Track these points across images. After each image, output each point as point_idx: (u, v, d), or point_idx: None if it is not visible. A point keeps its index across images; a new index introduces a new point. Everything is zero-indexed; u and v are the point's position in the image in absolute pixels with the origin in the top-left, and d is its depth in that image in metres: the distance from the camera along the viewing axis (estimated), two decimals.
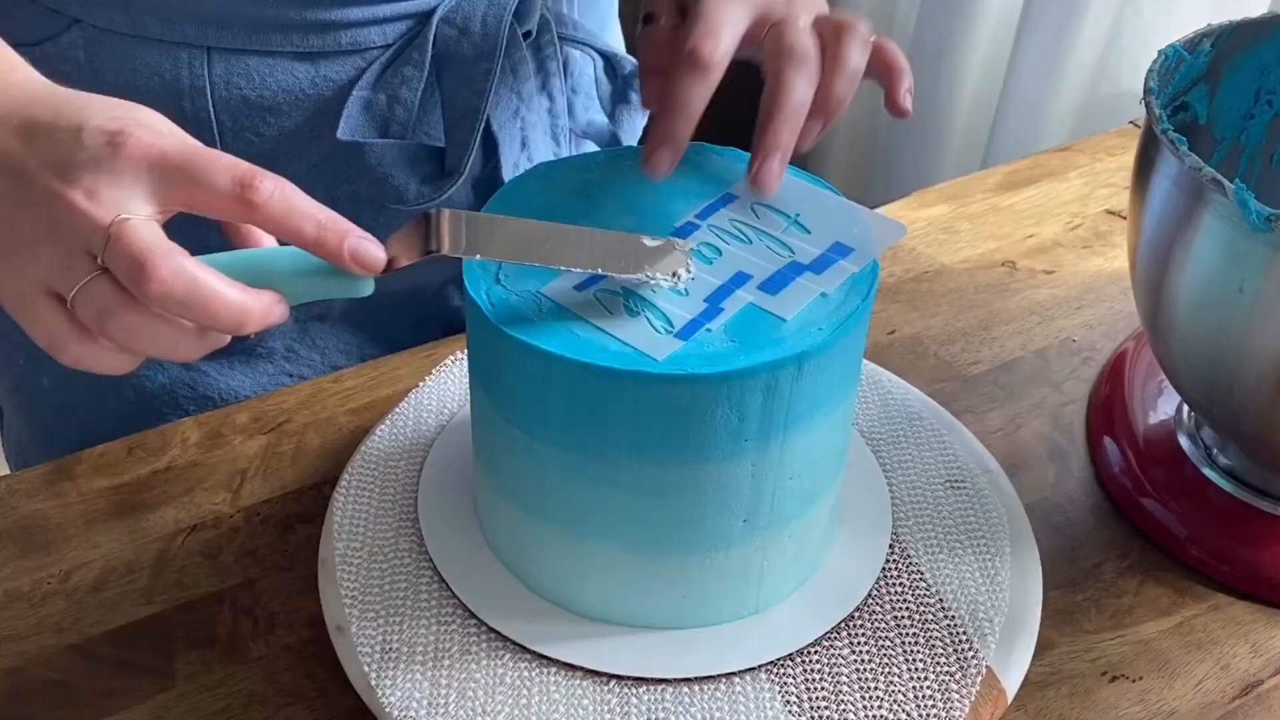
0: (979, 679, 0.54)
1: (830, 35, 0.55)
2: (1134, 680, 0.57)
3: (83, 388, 0.75)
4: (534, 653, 0.54)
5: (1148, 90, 0.58)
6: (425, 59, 0.67)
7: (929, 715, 0.52)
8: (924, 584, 0.58)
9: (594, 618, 0.56)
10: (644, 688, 0.53)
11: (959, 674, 0.54)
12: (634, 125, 0.80)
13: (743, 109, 0.59)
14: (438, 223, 0.47)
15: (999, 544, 0.60)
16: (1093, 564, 0.63)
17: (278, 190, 0.44)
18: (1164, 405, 0.70)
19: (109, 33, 0.65)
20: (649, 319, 0.50)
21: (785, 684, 0.54)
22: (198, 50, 0.65)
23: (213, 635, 0.58)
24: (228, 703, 0.55)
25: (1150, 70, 0.59)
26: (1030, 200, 0.90)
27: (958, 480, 0.63)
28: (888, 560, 0.59)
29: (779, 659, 0.55)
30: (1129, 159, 0.63)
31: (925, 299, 0.80)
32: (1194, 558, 0.62)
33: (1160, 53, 0.61)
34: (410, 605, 0.56)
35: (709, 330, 0.49)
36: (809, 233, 0.55)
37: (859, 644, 0.55)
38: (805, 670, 0.54)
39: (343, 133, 0.66)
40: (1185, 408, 0.69)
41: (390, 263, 0.46)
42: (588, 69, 0.77)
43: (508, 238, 0.49)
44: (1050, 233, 0.87)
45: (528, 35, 0.71)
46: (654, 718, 0.52)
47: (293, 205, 0.44)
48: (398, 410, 0.67)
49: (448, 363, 0.71)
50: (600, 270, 0.50)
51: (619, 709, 0.53)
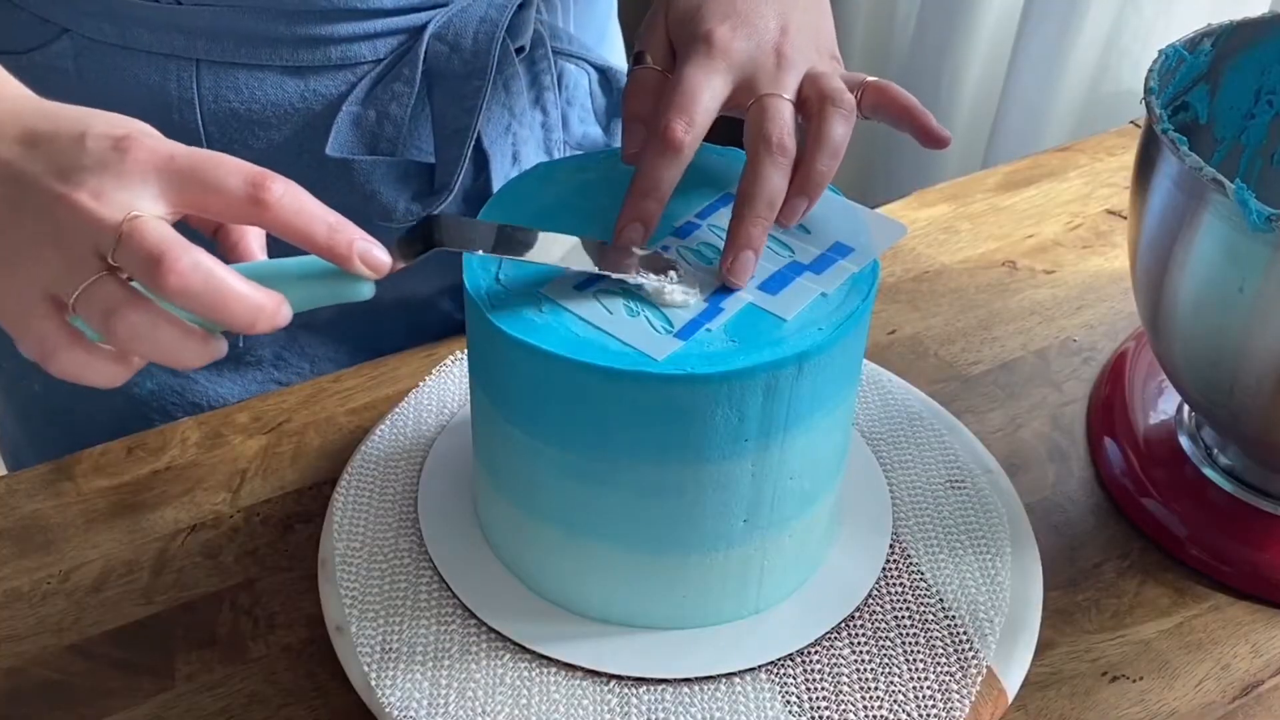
0: (979, 679, 0.54)
1: (815, 106, 0.53)
2: (1134, 680, 0.57)
3: (72, 393, 0.75)
4: (534, 653, 0.54)
5: (1148, 90, 0.58)
6: (415, 75, 0.67)
7: (929, 715, 0.52)
8: (924, 584, 0.58)
9: (594, 618, 0.56)
10: (644, 688, 0.53)
11: (959, 674, 0.54)
12: None
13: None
14: (439, 224, 0.48)
15: (999, 544, 0.60)
16: (1093, 564, 0.63)
17: (289, 191, 0.44)
18: (1164, 405, 0.70)
19: (98, 43, 0.65)
20: (649, 319, 0.50)
21: (785, 684, 0.54)
22: (186, 62, 0.65)
23: (213, 635, 0.58)
24: (228, 703, 0.55)
25: (1151, 70, 0.59)
26: (1030, 200, 0.90)
27: (958, 480, 0.63)
28: (888, 560, 0.59)
29: (779, 659, 0.55)
30: (1129, 159, 0.63)
31: (925, 299, 0.80)
32: (1194, 558, 0.62)
33: (1161, 52, 0.61)
34: (410, 605, 0.56)
35: (709, 330, 0.49)
36: (809, 233, 0.55)
37: (859, 644, 0.55)
38: (805, 670, 0.54)
39: (331, 148, 0.66)
40: (1185, 408, 0.69)
41: (393, 265, 0.46)
42: (582, 82, 0.77)
43: (504, 238, 0.50)
44: (1050, 233, 0.87)
45: (521, 50, 0.70)
46: (654, 718, 0.52)
47: (304, 206, 0.44)
48: (398, 410, 0.67)
49: (448, 363, 0.71)
50: (596, 270, 0.50)
51: (619, 709, 0.53)
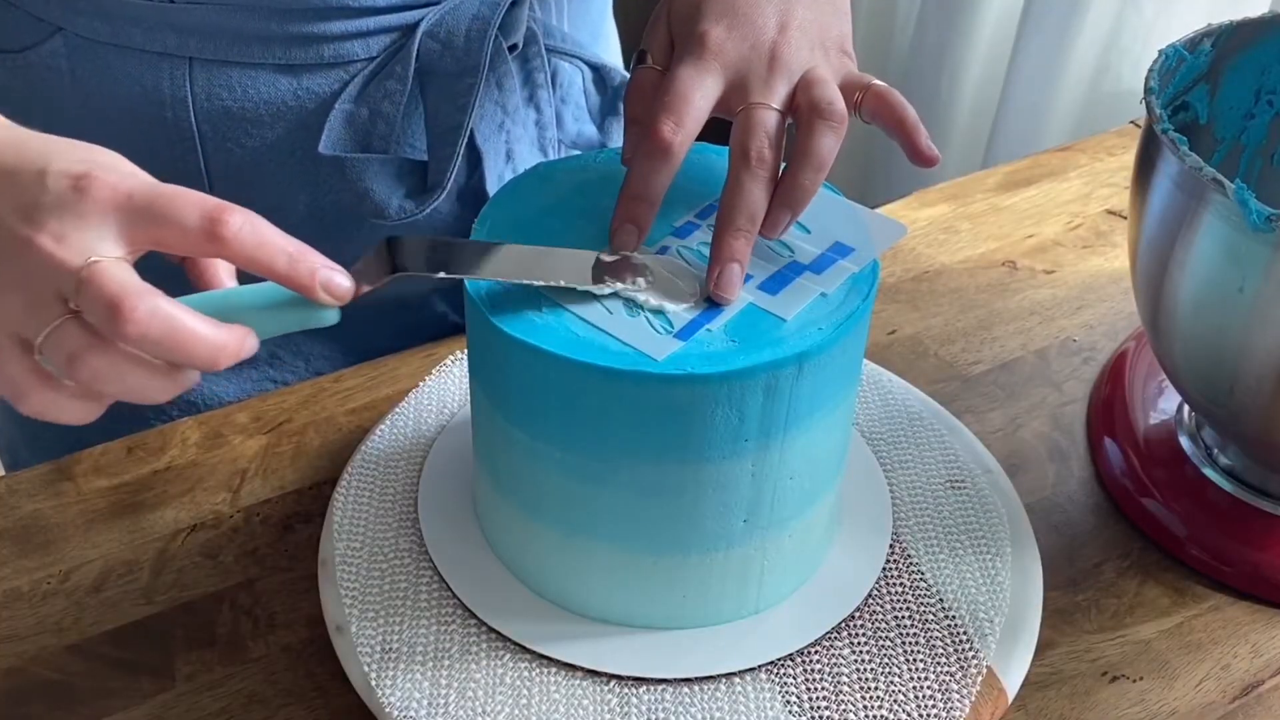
0: (979, 679, 0.54)
1: (804, 116, 0.52)
2: (1134, 681, 0.57)
3: None
4: (534, 653, 0.54)
5: (1148, 90, 0.58)
6: (408, 73, 0.67)
7: (929, 715, 0.52)
8: (924, 584, 0.58)
9: (594, 618, 0.56)
10: (644, 688, 0.53)
11: (959, 674, 0.54)
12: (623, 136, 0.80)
13: None
14: (399, 247, 0.48)
15: (999, 544, 0.60)
16: (1093, 564, 0.63)
17: (247, 223, 0.44)
18: (1164, 405, 0.70)
19: (91, 42, 0.65)
20: (649, 319, 0.50)
21: (785, 684, 0.54)
22: (180, 60, 0.65)
23: (212, 635, 0.58)
24: (227, 703, 0.55)
25: (1151, 70, 0.59)
26: (1030, 200, 0.90)
27: (958, 480, 0.63)
28: (888, 560, 0.59)
29: (779, 659, 0.55)
30: (1129, 159, 0.63)
31: (925, 299, 0.80)
32: (1194, 558, 0.62)
33: (1161, 52, 0.61)
34: (410, 605, 0.56)
35: (709, 330, 0.49)
36: (809, 232, 0.55)
37: (859, 644, 0.55)
38: (805, 670, 0.54)
39: (324, 146, 0.66)
40: (1186, 408, 0.69)
41: (356, 291, 0.46)
42: (577, 80, 0.77)
43: (471, 256, 0.50)
44: (1050, 233, 0.87)
45: (514, 48, 0.70)
46: (654, 718, 0.52)
47: (263, 238, 0.44)
48: (398, 410, 0.67)
49: (448, 363, 0.71)
50: (563, 283, 0.50)
51: (619, 709, 0.53)
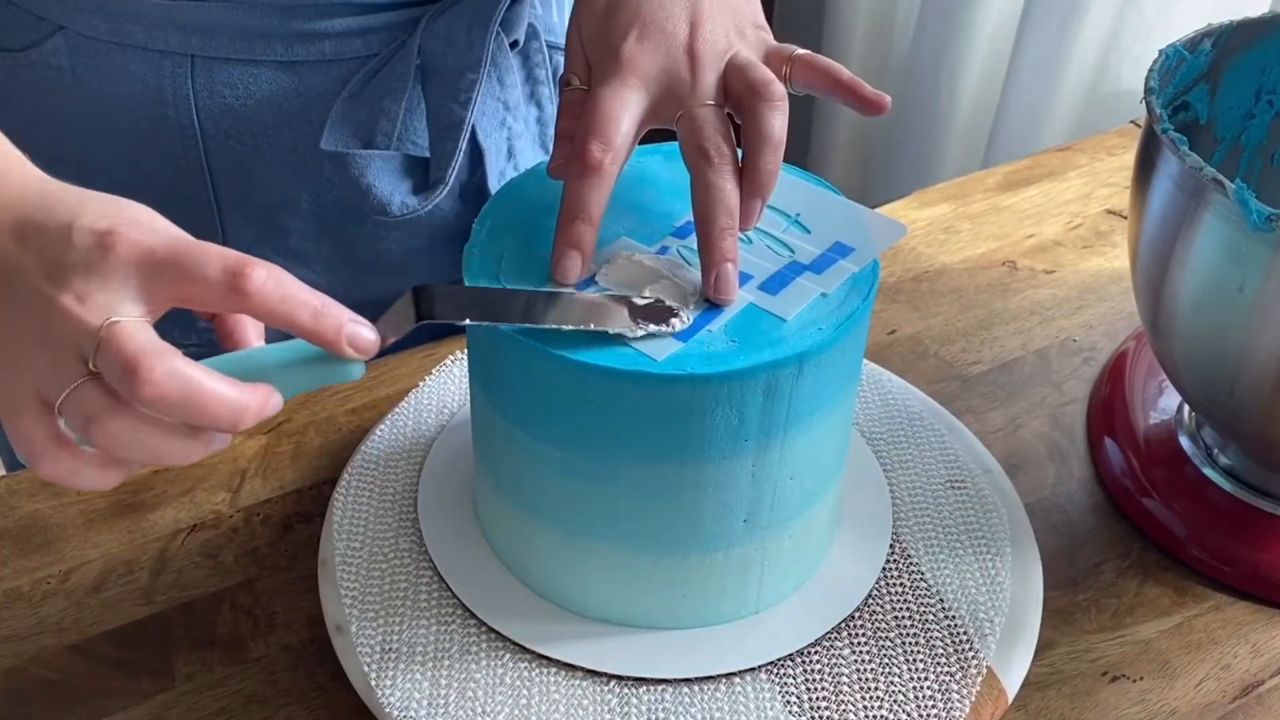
0: (979, 679, 0.54)
1: (745, 101, 0.52)
2: (1134, 680, 0.57)
3: None
4: (534, 653, 0.54)
5: (1148, 90, 0.58)
6: (409, 70, 0.66)
7: (929, 715, 0.52)
8: (924, 584, 0.58)
9: (594, 618, 0.56)
10: (644, 688, 0.53)
11: (959, 674, 0.54)
12: None
13: None
14: (426, 297, 0.47)
15: (999, 544, 0.60)
16: (1093, 564, 0.63)
17: (271, 278, 0.43)
18: (1164, 405, 0.70)
19: (92, 40, 0.65)
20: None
21: (785, 684, 0.54)
22: (181, 58, 0.65)
23: (212, 635, 0.58)
24: (227, 703, 0.55)
25: (1151, 70, 0.59)
26: (1030, 200, 0.90)
27: (958, 480, 0.63)
28: (888, 560, 0.59)
29: (779, 659, 0.55)
30: (1129, 159, 0.63)
31: (925, 299, 0.80)
32: (1194, 558, 0.62)
33: (1161, 52, 0.61)
34: (410, 605, 0.56)
35: (709, 330, 0.49)
36: (809, 233, 0.55)
37: (859, 644, 0.55)
38: (805, 670, 0.54)
39: (326, 143, 0.66)
40: (1186, 408, 0.69)
41: (381, 342, 0.45)
42: None
43: (500, 303, 0.49)
44: (1050, 233, 0.87)
45: (515, 44, 0.70)
46: (654, 718, 0.52)
47: (287, 292, 0.43)
48: (398, 410, 0.67)
49: (448, 363, 0.71)
50: (591, 326, 0.49)
51: (619, 709, 0.53)
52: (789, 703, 0.53)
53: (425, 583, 0.57)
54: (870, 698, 0.53)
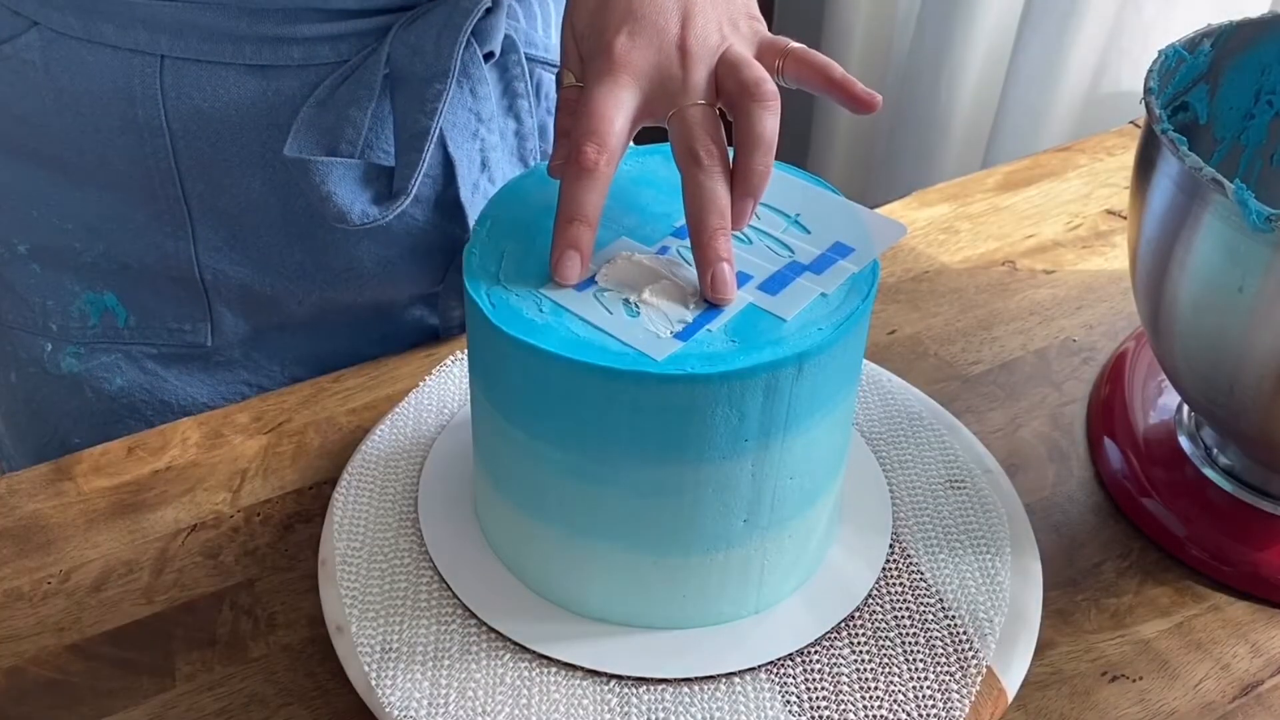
0: (979, 679, 0.54)
1: (736, 100, 0.52)
2: (1134, 680, 0.57)
3: (44, 385, 0.75)
4: (534, 653, 0.54)
5: (1148, 90, 0.58)
6: (376, 79, 0.66)
7: (929, 715, 0.52)
8: (924, 584, 0.58)
9: (594, 618, 0.56)
10: (644, 688, 0.53)
11: (959, 674, 0.54)
12: None
13: None
14: None
15: (999, 544, 0.60)
16: (1093, 564, 0.63)
17: None
18: (1164, 405, 0.70)
19: (64, 36, 0.65)
20: (649, 319, 0.50)
21: (785, 684, 0.54)
22: (150, 58, 0.65)
23: (213, 635, 0.58)
24: (227, 703, 0.55)
25: (1150, 70, 0.59)
26: (1030, 200, 0.90)
27: (958, 480, 0.63)
28: (888, 560, 0.59)
29: (779, 659, 0.55)
30: (1129, 159, 0.63)
31: (925, 299, 0.80)
32: (1194, 558, 0.62)
33: (1160, 53, 0.61)
34: (410, 605, 0.56)
35: (709, 330, 0.49)
36: (809, 233, 0.55)
37: (859, 644, 0.55)
38: (805, 670, 0.54)
39: (289, 149, 0.65)
40: (1185, 408, 0.69)
41: None
42: None
43: None
44: (1050, 233, 0.87)
45: (490, 56, 0.70)
46: (654, 718, 0.52)
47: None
48: (398, 410, 0.67)
49: (448, 363, 0.71)
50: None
51: (619, 709, 0.53)
52: (789, 703, 0.53)
53: (425, 583, 0.57)
54: (870, 698, 0.53)
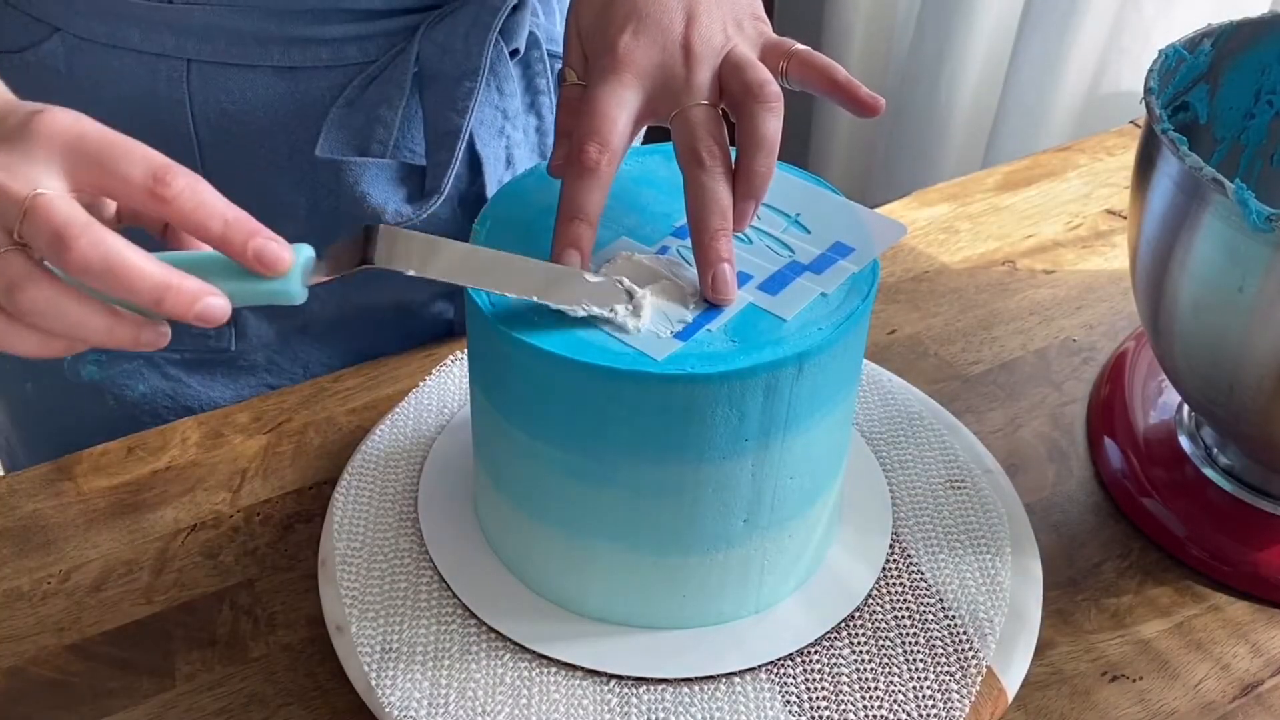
0: (979, 679, 0.54)
1: (740, 102, 0.52)
2: (1134, 680, 0.57)
3: (63, 393, 0.75)
4: (534, 653, 0.54)
5: (1148, 90, 0.58)
6: (406, 78, 0.66)
7: (929, 715, 0.52)
8: (924, 584, 0.58)
9: (594, 618, 0.56)
10: (644, 688, 0.53)
11: (959, 674, 0.54)
12: None
13: None
14: (375, 236, 0.47)
15: (999, 544, 0.60)
16: (1093, 564, 0.63)
17: (189, 186, 0.44)
18: (1164, 405, 0.70)
19: (89, 42, 0.65)
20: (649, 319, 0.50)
21: (785, 684, 0.54)
22: (177, 62, 0.65)
23: (212, 635, 0.58)
24: (227, 703, 0.55)
25: (1150, 70, 0.59)
26: (1030, 200, 0.90)
27: (958, 480, 0.63)
28: (888, 560, 0.59)
29: (779, 659, 0.55)
30: (1129, 159, 0.63)
31: (925, 299, 0.80)
32: (1194, 558, 0.62)
33: (1160, 52, 0.61)
34: (410, 605, 0.56)
35: (709, 330, 0.49)
36: (809, 233, 0.55)
37: (859, 644, 0.55)
38: (805, 670, 0.54)
39: (321, 150, 0.65)
40: (1185, 408, 0.69)
41: (330, 271, 0.46)
42: None
43: (448, 258, 0.49)
44: (1050, 233, 0.87)
45: (515, 53, 0.70)
46: (654, 718, 0.52)
47: (202, 200, 0.45)
48: (398, 410, 0.67)
49: (448, 363, 0.71)
50: (536, 298, 0.49)
51: (619, 709, 0.53)
52: (789, 703, 0.53)
53: (425, 583, 0.57)
54: (870, 698, 0.53)
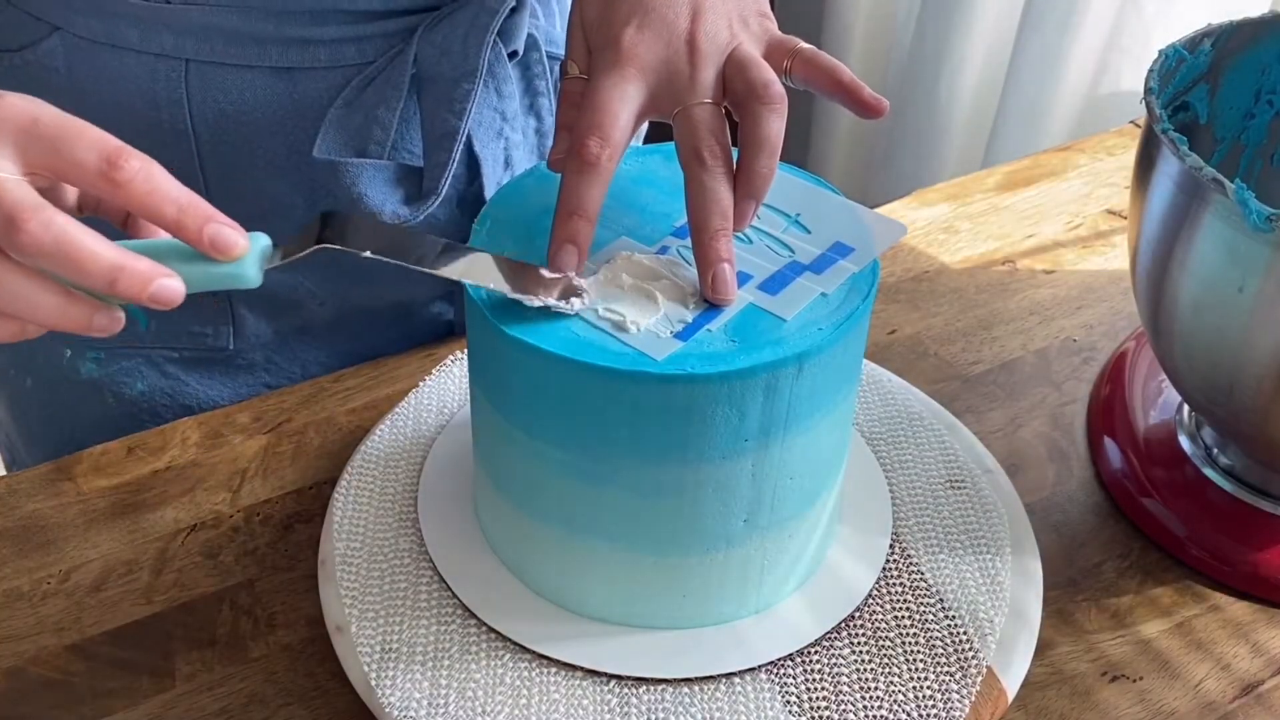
0: (979, 679, 0.54)
1: (743, 102, 0.51)
2: (1134, 680, 0.57)
3: (62, 390, 0.75)
4: (534, 653, 0.54)
5: (1148, 90, 0.58)
6: (404, 79, 0.66)
7: (929, 715, 0.52)
8: (924, 584, 0.58)
9: (594, 618, 0.56)
10: (644, 688, 0.53)
11: (959, 674, 0.54)
12: None
13: None
14: (331, 220, 0.48)
15: (999, 544, 0.60)
16: (1093, 564, 0.63)
17: (143, 170, 0.45)
18: (1164, 405, 0.70)
19: (88, 41, 0.65)
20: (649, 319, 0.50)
21: (785, 684, 0.54)
22: (175, 62, 0.65)
23: (212, 635, 0.58)
24: (227, 703, 0.55)
25: (1150, 70, 0.59)
26: (1030, 200, 0.90)
27: (958, 480, 0.63)
28: (888, 560, 0.59)
29: (779, 659, 0.55)
30: (1129, 159, 0.63)
31: (925, 299, 0.80)
32: (1194, 558, 0.62)
33: (1160, 52, 0.61)
34: (410, 605, 0.56)
35: (709, 330, 0.49)
36: (809, 233, 0.55)
37: (859, 644, 0.55)
38: (805, 670, 0.54)
39: (318, 151, 0.65)
40: (1185, 408, 0.69)
41: (285, 254, 0.47)
42: None
43: (401, 241, 0.49)
44: (1050, 232, 0.87)
45: (514, 55, 0.70)
46: (654, 718, 0.52)
47: (155, 185, 0.45)
48: (398, 410, 0.67)
49: (448, 363, 0.71)
50: (492, 286, 0.49)
51: (619, 709, 0.53)
52: (789, 703, 0.53)
53: (425, 583, 0.57)
54: (870, 698, 0.53)
